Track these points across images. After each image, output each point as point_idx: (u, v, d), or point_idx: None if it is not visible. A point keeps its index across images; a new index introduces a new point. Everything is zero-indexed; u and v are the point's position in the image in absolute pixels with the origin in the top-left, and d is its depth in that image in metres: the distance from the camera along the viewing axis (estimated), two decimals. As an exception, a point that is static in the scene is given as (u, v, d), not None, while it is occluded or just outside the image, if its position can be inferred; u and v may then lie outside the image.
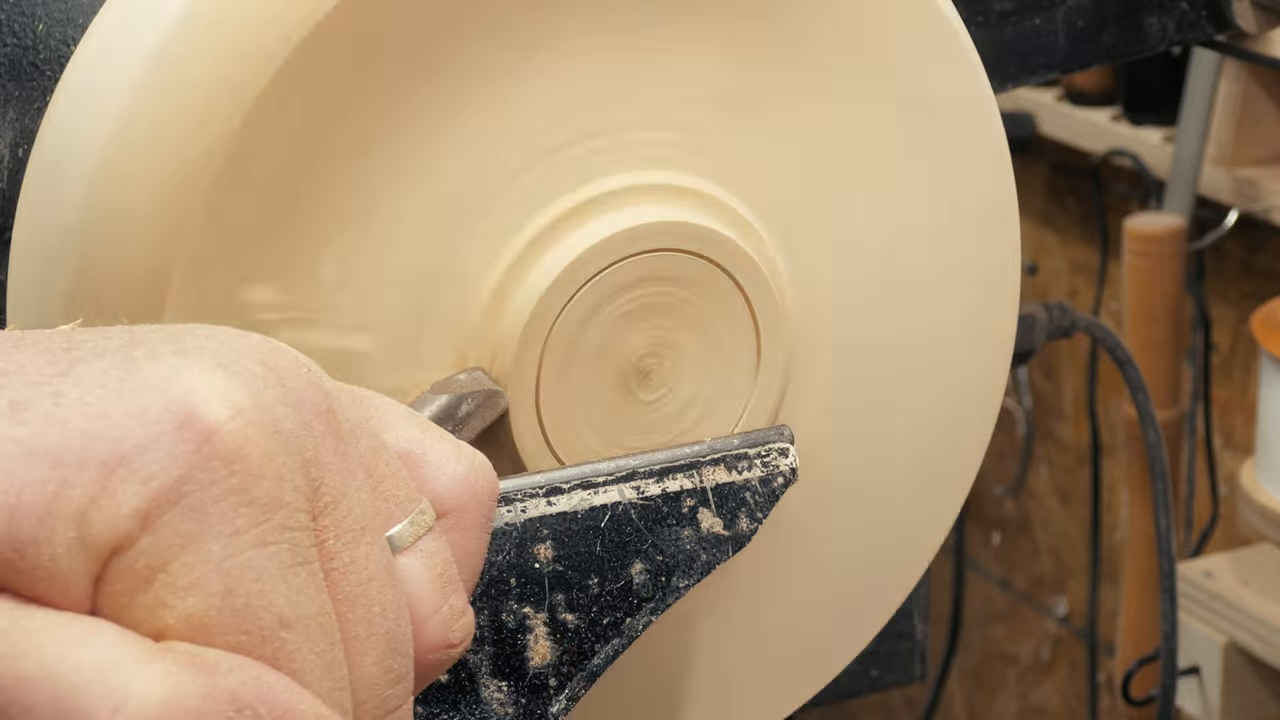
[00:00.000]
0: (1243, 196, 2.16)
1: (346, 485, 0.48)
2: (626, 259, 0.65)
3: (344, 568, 0.48)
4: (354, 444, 0.49)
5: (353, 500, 0.48)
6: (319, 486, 0.47)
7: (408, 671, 0.50)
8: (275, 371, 0.47)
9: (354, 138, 0.60)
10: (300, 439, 0.47)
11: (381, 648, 0.49)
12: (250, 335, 0.48)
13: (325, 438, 0.48)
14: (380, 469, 0.50)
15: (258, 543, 0.46)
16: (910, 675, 1.47)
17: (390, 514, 0.50)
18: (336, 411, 0.48)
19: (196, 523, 0.45)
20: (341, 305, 0.62)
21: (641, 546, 0.60)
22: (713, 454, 0.62)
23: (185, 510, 0.45)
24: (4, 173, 0.67)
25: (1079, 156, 2.44)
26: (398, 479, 0.51)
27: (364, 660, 0.49)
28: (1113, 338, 1.52)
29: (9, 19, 0.67)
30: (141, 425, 0.45)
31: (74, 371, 0.46)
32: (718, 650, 0.72)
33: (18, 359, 0.46)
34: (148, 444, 0.45)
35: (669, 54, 0.65)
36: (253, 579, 0.46)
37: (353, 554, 0.48)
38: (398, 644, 0.50)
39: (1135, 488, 2.06)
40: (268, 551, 0.46)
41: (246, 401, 0.46)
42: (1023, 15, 0.90)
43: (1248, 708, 1.96)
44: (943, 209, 0.71)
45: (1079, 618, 2.66)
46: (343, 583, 0.48)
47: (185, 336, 0.47)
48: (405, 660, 0.50)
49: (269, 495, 0.46)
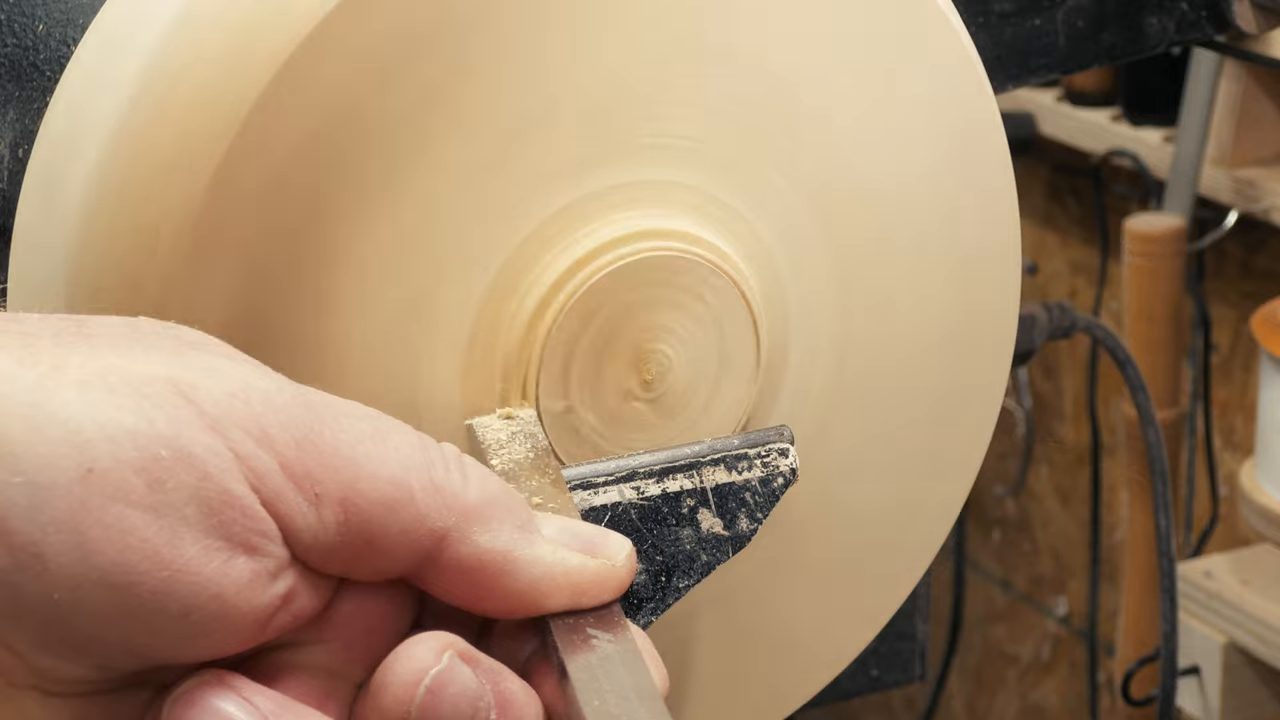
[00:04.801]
0: (1243, 196, 2.16)
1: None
2: (624, 260, 0.65)
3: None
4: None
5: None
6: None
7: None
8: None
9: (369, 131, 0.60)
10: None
11: None
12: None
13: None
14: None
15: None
16: (910, 675, 1.48)
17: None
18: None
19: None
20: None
21: (641, 547, 0.60)
22: (713, 454, 0.62)
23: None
24: (4, 173, 0.67)
25: (1079, 156, 2.44)
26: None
27: None
28: (1113, 338, 1.52)
29: (9, 19, 0.67)
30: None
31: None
32: (717, 650, 0.72)
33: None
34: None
35: (670, 55, 0.65)
36: None
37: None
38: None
39: (1135, 488, 2.06)
40: None
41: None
42: (1023, 15, 0.90)
43: (1248, 708, 1.96)
44: (943, 208, 0.71)
45: (1079, 618, 2.66)
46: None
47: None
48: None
49: None
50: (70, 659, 0.49)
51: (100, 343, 0.50)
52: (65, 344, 0.49)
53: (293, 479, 0.50)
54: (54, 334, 0.50)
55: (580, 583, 0.53)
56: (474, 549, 0.52)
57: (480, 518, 0.52)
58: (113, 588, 0.48)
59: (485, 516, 0.52)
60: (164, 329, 0.52)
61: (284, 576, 0.51)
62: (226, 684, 0.50)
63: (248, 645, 0.51)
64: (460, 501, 0.52)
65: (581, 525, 0.55)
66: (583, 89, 0.63)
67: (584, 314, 0.64)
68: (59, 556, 0.47)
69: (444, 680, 0.50)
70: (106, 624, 0.49)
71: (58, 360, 0.49)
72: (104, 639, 0.49)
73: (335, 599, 0.52)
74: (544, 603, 0.53)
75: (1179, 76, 2.17)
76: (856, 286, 0.70)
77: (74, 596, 0.48)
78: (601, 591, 0.54)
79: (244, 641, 0.51)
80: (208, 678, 0.50)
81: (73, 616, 0.48)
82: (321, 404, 0.52)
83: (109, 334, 0.51)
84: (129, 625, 0.49)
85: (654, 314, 0.66)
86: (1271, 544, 1.91)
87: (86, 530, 0.48)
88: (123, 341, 0.50)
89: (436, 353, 0.63)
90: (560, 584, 0.53)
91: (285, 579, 0.51)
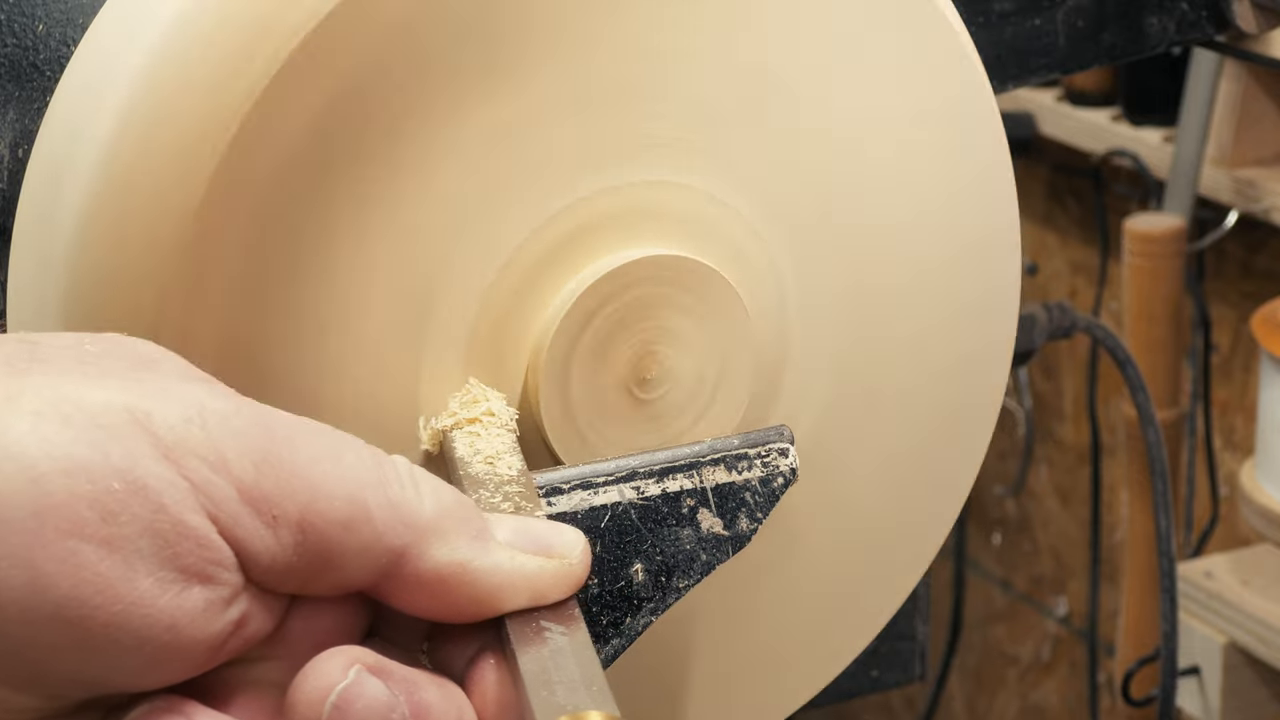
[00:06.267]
0: (1243, 196, 2.16)
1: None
2: (624, 260, 0.65)
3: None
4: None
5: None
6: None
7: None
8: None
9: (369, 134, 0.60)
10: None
11: None
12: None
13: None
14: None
15: None
16: (910, 675, 1.48)
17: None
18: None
19: None
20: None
21: (641, 546, 0.60)
22: (713, 454, 0.62)
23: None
24: (4, 173, 0.67)
25: (1079, 157, 2.44)
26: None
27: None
28: (1113, 338, 1.52)
29: (9, 19, 0.67)
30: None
31: None
32: (717, 650, 0.72)
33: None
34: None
35: (671, 55, 0.65)
36: None
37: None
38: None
39: (1135, 488, 2.06)
40: None
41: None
42: (1023, 15, 0.90)
43: (1248, 708, 1.96)
44: (944, 210, 0.71)
45: (1079, 618, 2.66)
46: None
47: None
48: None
49: None
50: (22, 690, 0.49)
51: (53, 369, 0.50)
52: (18, 371, 0.49)
53: (250, 503, 0.50)
54: (6, 360, 0.50)
55: (539, 585, 0.54)
56: (432, 563, 0.52)
57: (436, 531, 0.52)
58: (66, 621, 0.48)
59: (441, 530, 0.52)
60: (116, 346, 0.52)
61: (238, 602, 0.51)
62: (176, 710, 0.50)
63: (200, 671, 0.51)
64: (416, 517, 0.52)
65: (536, 524, 0.55)
66: (585, 88, 0.63)
67: (584, 314, 0.64)
68: (11, 591, 0.47)
69: (351, 696, 0.50)
70: (59, 656, 0.48)
71: (10, 390, 0.48)
72: (56, 670, 0.49)
73: (286, 616, 0.52)
74: (504, 607, 0.53)
75: (1179, 76, 2.17)
76: (858, 287, 0.70)
77: (27, 630, 0.48)
78: (559, 590, 0.54)
79: (197, 668, 0.51)
80: (159, 703, 0.50)
81: (26, 649, 0.48)
82: (276, 423, 0.51)
83: (62, 359, 0.50)
84: (82, 657, 0.49)
85: (655, 315, 0.66)
86: (1271, 544, 1.91)
87: (40, 565, 0.47)
88: (77, 367, 0.50)
89: (437, 352, 0.63)
90: (520, 588, 0.53)
91: (239, 604, 0.51)
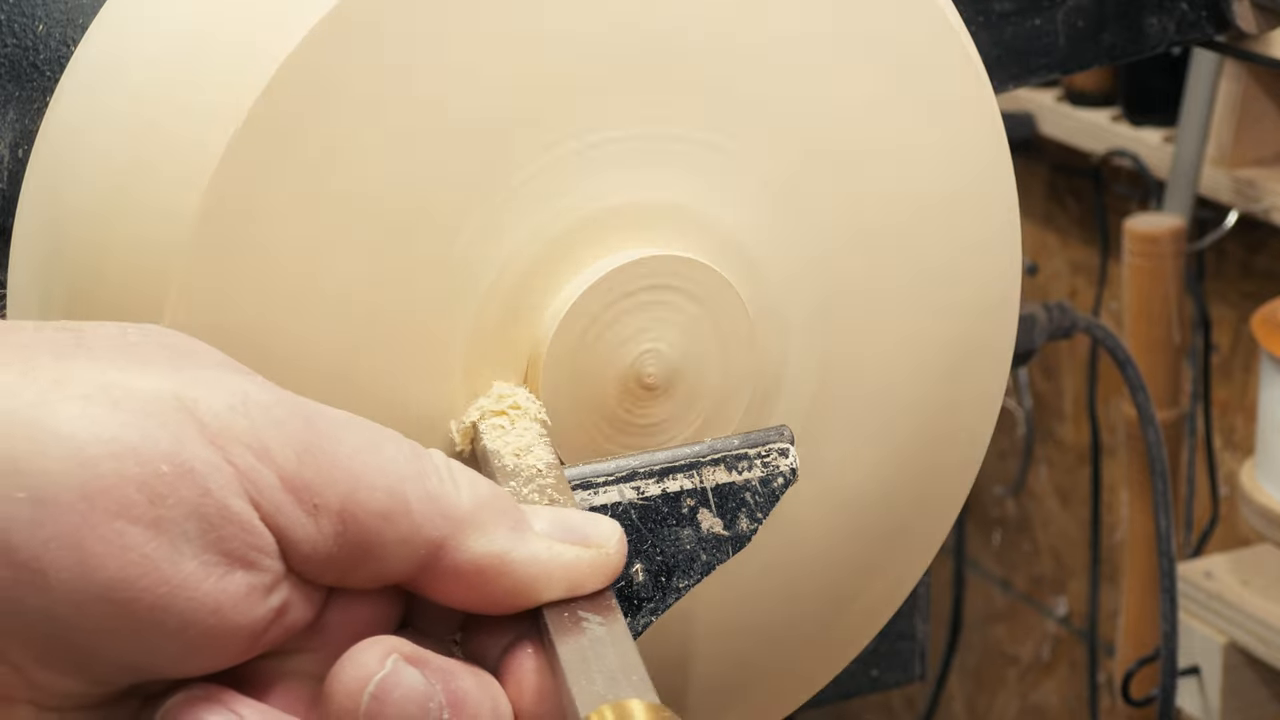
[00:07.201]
0: (1243, 196, 2.16)
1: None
2: (625, 260, 0.65)
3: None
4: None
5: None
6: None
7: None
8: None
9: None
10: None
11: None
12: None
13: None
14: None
15: None
16: (910, 675, 1.48)
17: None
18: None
19: None
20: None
21: (641, 547, 0.60)
22: (713, 454, 0.62)
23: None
24: (4, 173, 0.67)
25: (1079, 157, 2.44)
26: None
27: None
28: (1113, 338, 1.52)
29: (9, 19, 0.67)
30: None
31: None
32: (717, 650, 0.72)
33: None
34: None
35: (670, 50, 0.65)
36: None
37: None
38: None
39: (1135, 488, 2.06)
40: None
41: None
42: (1023, 15, 0.90)
43: (1248, 708, 1.96)
44: (944, 210, 0.71)
45: (1079, 618, 2.66)
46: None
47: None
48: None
49: None
50: (68, 673, 0.50)
51: (99, 355, 0.50)
52: (65, 357, 0.50)
53: (291, 491, 0.50)
54: (52, 346, 0.50)
55: (576, 575, 0.54)
56: (470, 555, 0.52)
57: (474, 523, 0.52)
58: (113, 603, 0.48)
59: (479, 522, 0.52)
60: (157, 336, 0.52)
61: (279, 590, 0.51)
62: (215, 698, 0.50)
63: (240, 659, 0.51)
64: (454, 509, 0.52)
65: (572, 514, 0.55)
66: (585, 87, 0.63)
67: (585, 314, 0.64)
68: (60, 572, 0.48)
69: (389, 685, 0.50)
70: (106, 639, 0.49)
71: (58, 375, 0.49)
72: (102, 653, 0.49)
73: (323, 608, 0.53)
74: (542, 598, 0.54)
75: (1179, 76, 2.17)
76: (859, 286, 0.70)
77: (75, 612, 0.48)
78: (597, 580, 0.54)
79: (238, 655, 0.51)
80: (197, 692, 0.51)
81: (73, 632, 0.48)
82: (318, 415, 0.52)
83: (106, 346, 0.51)
84: (127, 640, 0.49)
85: (656, 315, 0.66)
86: (1271, 544, 1.91)
87: (88, 546, 0.48)
88: (121, 355, 0.50)
89: (437, 352, 0.63)
90: (557, 579, 0.54)
91: (280, 592, 0.51)
